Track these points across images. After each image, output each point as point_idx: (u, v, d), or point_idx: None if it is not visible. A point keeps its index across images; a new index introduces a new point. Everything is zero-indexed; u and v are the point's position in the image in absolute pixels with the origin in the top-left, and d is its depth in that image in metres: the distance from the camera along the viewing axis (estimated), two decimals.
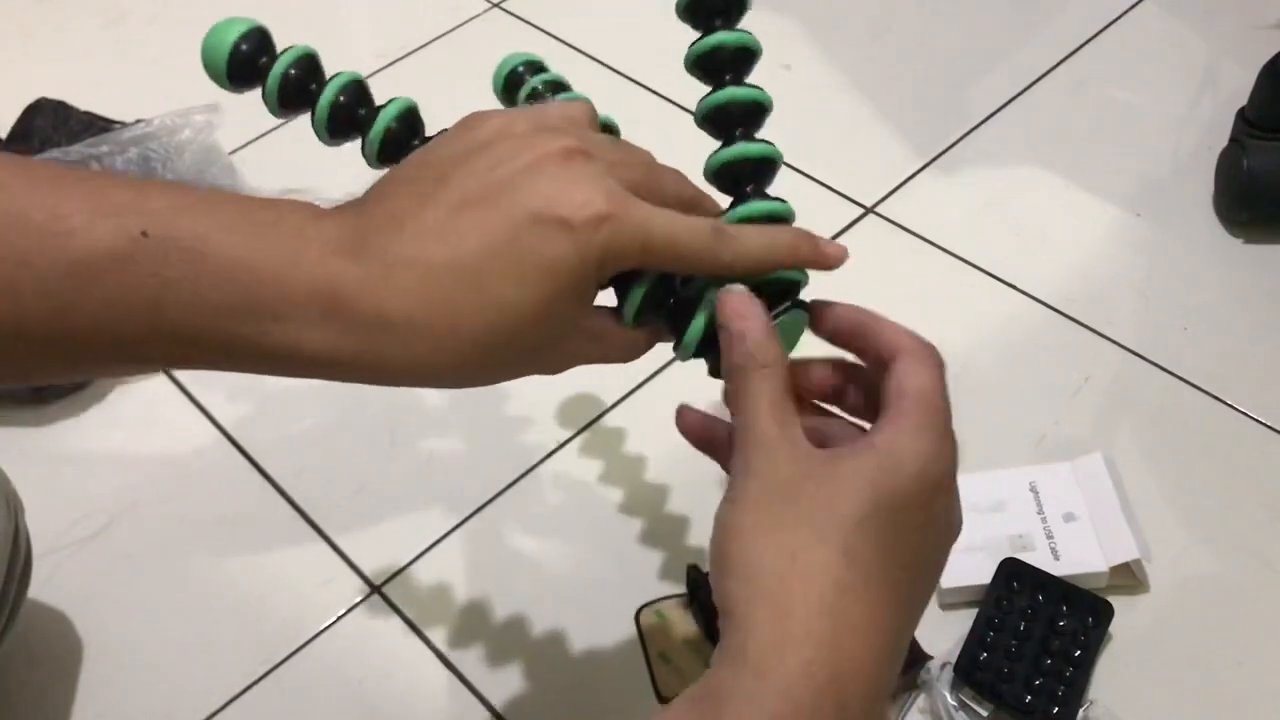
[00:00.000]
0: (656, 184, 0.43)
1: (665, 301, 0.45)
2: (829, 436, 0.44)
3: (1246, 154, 0.88)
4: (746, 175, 0.47)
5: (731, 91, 0.47)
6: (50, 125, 0.98)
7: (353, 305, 0.39)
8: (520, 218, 0.40)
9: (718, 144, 0.48)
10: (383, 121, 0.46)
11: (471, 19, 1.17)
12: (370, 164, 0.47)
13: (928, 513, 0.41)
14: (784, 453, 0.41)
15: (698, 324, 0.44)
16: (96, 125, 0.98)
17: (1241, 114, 0.91)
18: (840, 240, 0.92)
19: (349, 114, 0.47)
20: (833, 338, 0.46)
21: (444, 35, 1.15)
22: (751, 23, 0.54)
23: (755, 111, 0.48)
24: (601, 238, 0.40)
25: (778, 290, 0.45)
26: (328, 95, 0.46)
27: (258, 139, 1.04)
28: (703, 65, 0.48)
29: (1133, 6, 1.11)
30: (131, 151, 0.92)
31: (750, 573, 0.40)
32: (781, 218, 0.47)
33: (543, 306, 0.40)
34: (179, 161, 0.92)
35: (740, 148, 0.47)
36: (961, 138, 1.00)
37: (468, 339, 0.40)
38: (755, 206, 0.47)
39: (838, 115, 1.04)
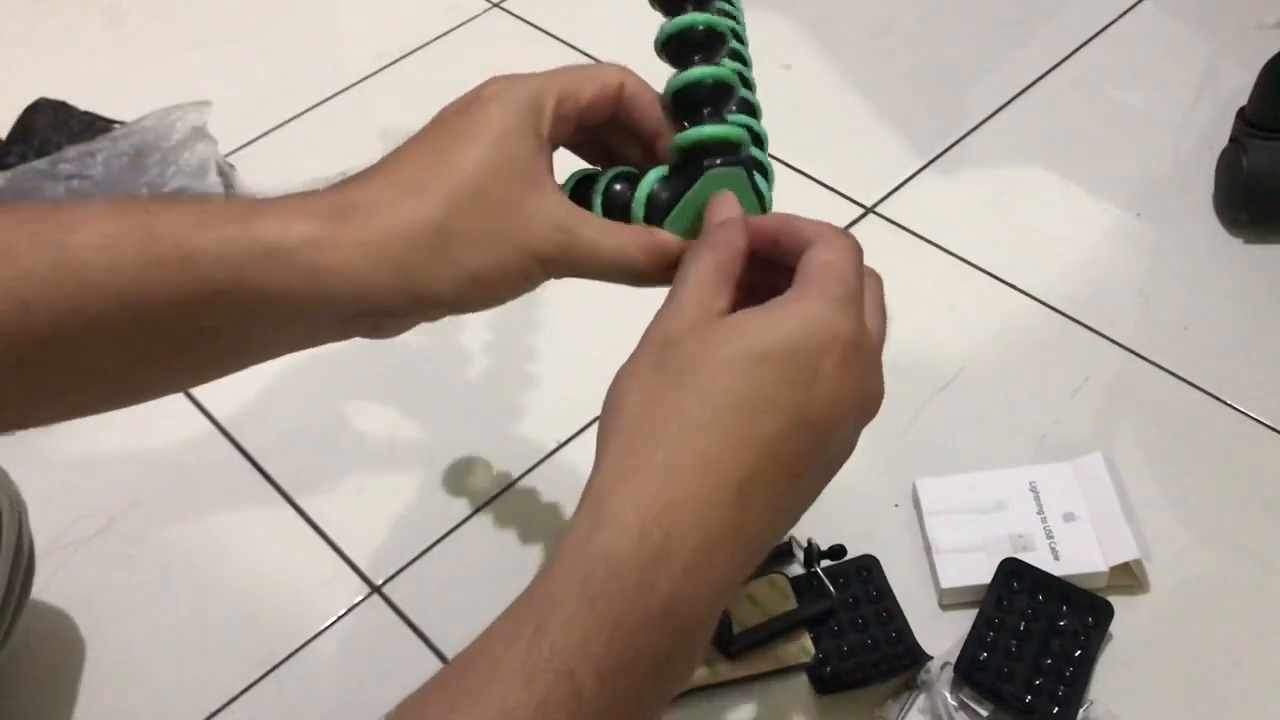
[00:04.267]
0: None
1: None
2: None
3: (1246, 154, 0.87)
4: (702, 99, 0.47)
5: (701, 71, 0.47)
6: (50, 125, 0.98)
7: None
8: (449, 110, 0.47)
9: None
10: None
11: (471, 19, 1.17)
12: None
13: (811, 370, 0.40)
14: (690, 312, 0.42)
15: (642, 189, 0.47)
16: (96, 125, 0.98)
17: (1241, 114, 0.91)
18: None
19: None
20: (757, 248, 0.45)
21: (444, 35, 1.15)
22: (751, 23, 0.54)
23: (723, 93, 0.48)
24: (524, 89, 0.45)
25: (714, 148, 0.47)
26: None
27: (255, 140, 1.04)
28: (670, 49, 0.48)
29: (1133, 6, 1.11)
30: (123, 144, 0.91)
31: (614, 413, 0.40)
32: (735, 144, 0.47)
33: (491, 147, 0.44)
34: (174, 160, 0.92)
35: (697, 71, 0.47)
36: (961, 138, 1.00)
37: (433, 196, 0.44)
38: (707, 130, 0.47)
39: (838, 115, 1.04)
